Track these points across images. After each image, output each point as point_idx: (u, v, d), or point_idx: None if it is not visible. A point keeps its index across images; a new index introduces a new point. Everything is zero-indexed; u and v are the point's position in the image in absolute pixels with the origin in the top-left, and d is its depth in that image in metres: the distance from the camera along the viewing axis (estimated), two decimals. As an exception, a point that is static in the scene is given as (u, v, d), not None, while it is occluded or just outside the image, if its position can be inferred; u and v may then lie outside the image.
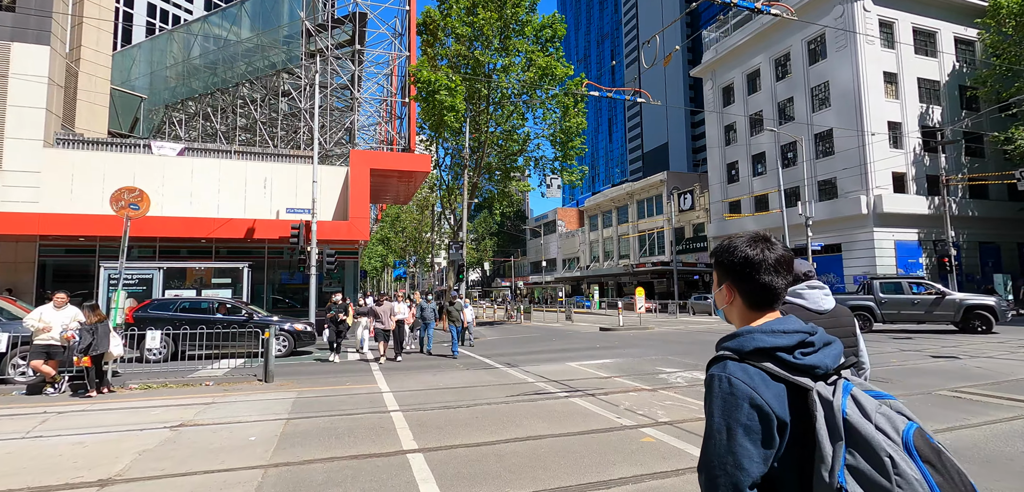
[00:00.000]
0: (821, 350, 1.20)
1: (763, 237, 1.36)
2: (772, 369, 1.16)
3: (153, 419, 6.79)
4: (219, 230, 17.94)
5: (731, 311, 1.38)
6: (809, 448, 1.12)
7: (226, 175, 19.87)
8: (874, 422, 1.06)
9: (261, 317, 14.26)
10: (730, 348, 1.23)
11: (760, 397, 1.13)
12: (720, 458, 1.13)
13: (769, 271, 1.30)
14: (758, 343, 1.20)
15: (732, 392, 1.15)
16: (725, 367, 1.19)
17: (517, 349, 15.47)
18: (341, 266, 21.57)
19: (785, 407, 1.14)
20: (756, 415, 1.12)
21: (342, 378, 10.37)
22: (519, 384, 9.48)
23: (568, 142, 26.71)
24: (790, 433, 1.13)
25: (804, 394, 1.15)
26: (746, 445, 1.11)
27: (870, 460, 1.03)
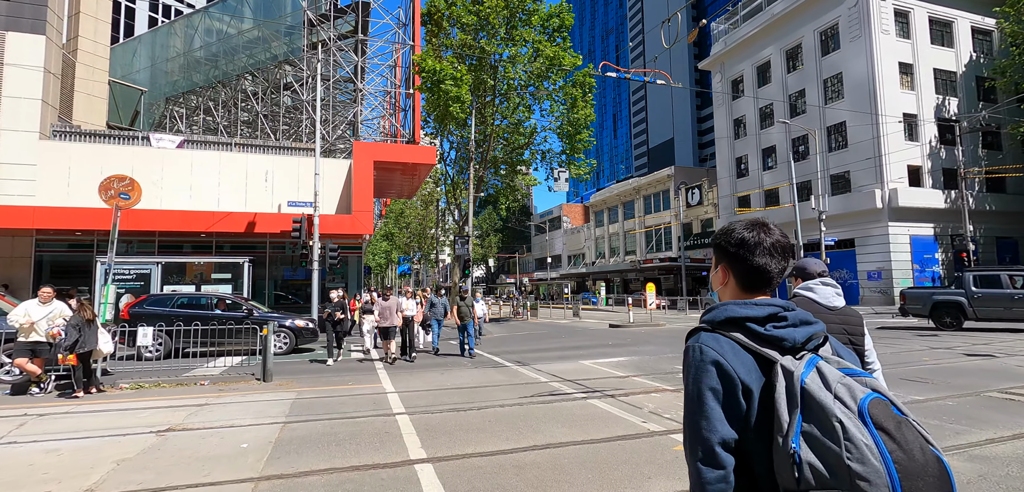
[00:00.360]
0: (793, 326, 1.23)
1: (761, 223, 1.40)
2: (740, 339, 1.22)
3: (140, 423, 6.27)
4: (219, 224, 17.46)
5: (725, 292, 1.41)
6: (771, 420, 1.15)
7: (226, 168, 19.38)
8: (833, 392, 1.09)
9: (261, 313, 13.77)
10: (706, 320, 1.30)
11: (727, 363, 1.19)
12: (693, 420, 1.20)
13: (764, 254, 1.33)
14: (730, 313, 1.26)
15: (702, 359, 1.21)
16: (698, 337, 1.26)
17: (526, 346, 14.92)
18: (344, 261, 21.07)
19: (752, 376, 1.19)
20: (722, 379, 1.18)
21: (344, 377, 9.84)
22: (532, 384, 8.92)
23: (576, 135, 26.08)
24: (759, 403, 1.18)
25: (771, 366, 1.19)
26: (714, 406, 1.17)
27: (822, 426, 1.06)
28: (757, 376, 1.19)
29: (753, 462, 1.17)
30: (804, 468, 1.06)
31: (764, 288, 1.35)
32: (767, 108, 40.32)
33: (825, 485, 1.04)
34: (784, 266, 1.36)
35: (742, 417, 1.17)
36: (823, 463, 1.05)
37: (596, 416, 6.58)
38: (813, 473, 1.05)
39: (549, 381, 9.17)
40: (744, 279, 1.35)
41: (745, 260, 1.34)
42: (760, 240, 1.35)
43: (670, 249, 51.18)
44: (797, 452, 1.06)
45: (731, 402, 1.17)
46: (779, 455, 1.10)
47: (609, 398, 7.62)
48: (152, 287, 15.68)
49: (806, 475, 1.06)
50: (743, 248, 1.35)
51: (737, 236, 1.37)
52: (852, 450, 1.02)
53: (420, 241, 43.55)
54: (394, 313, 11.14)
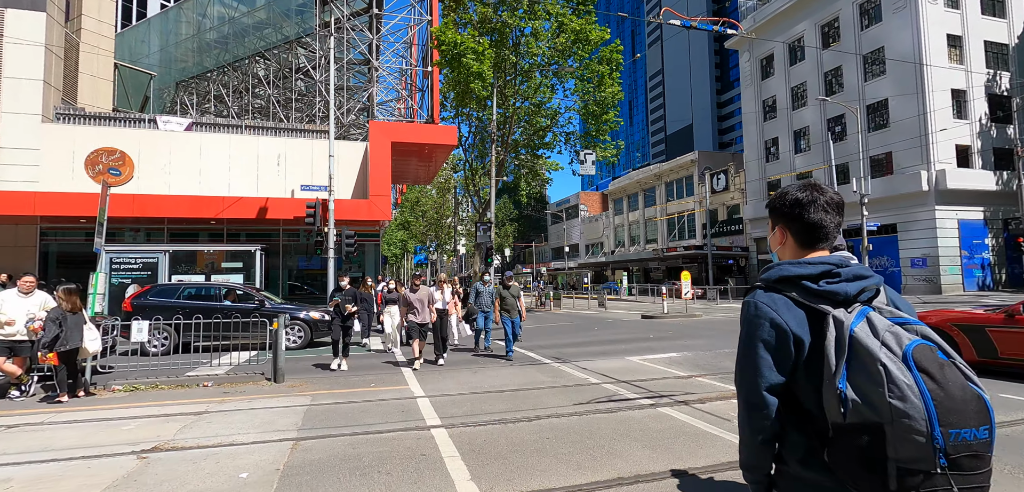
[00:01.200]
0: (846, 282, 1.31)
1: (814, 183, 1.48)
2: (794, 296, 1.34)
3: (121, 440, 5.16)
4: (229, 209, 16.44)
5: (784, 251, 1.51)
6: (821, 364, 1.27)
7: (237, 151, 18.35)
8: (880, 339, 1.19)
9: (273, 305, 12.70)
10: (762, 279, 1.43)
11: (780, 317, 1.32)
12: (744, 366, 1.37)
13: (818, 210, 1.42)
14: (783, 272, 1.37)
15: (757, 314, 1.35)
16: (754, 295, 1.40)
17: (560, 340, 13.66)
18: (361, 249, 19.99)
19: (805, 328, 1.31)
20: (775, 332, 1.32)
21: (365, 377, 8.69)
22: (583, 386, 7.66)
23: (602, 115, 24.61)
24: (810, 349, 1.30)
25: (822, 317, 1.30)
26: (765, 356, 1.32)
27: (868, 370, 1.17)
28: (809, 327, 1.31)
29: (801, 398, 1.33)
30: (849, 404, 1.19)
31: (821, 243, 1.45)
32: (799, 88, 38.28)
33: (867, 418, 1.16)
34: (839, 221, 1.46)
35: (792, 363, 1.32)
36: (865, 401, 1.17)
37: (678, 431, 5.30)
38: (857, 408, 1.18)
39: (601, 382, 7.91)
40: (801, 236, 1.46)
41: (801, 218, 1.44)
42: (814, 198, 1.44)
43: (694, 237, 49.41)
44: (843, 391, 1.19)
45: (782, 351, 1.31)
46: (828, 393, 1.24)
47: (682, 406, 6.33)
48: (160, 277, 14.73)
49: (850, 410, 1.18)
50: (798, 207, 1.45)
51: (792, 196, 1.47)
52: (894, 389, 1.13)
53: (437, 230, 42.38)
54: (426, 306, 9.19)
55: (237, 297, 12.59)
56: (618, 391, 7.24)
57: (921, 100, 29.66)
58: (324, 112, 22.96)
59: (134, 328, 7.73)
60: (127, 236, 17.77)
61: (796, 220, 1.45)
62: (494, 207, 21.75)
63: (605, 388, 7.47)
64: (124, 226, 17.61)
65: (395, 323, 11.02)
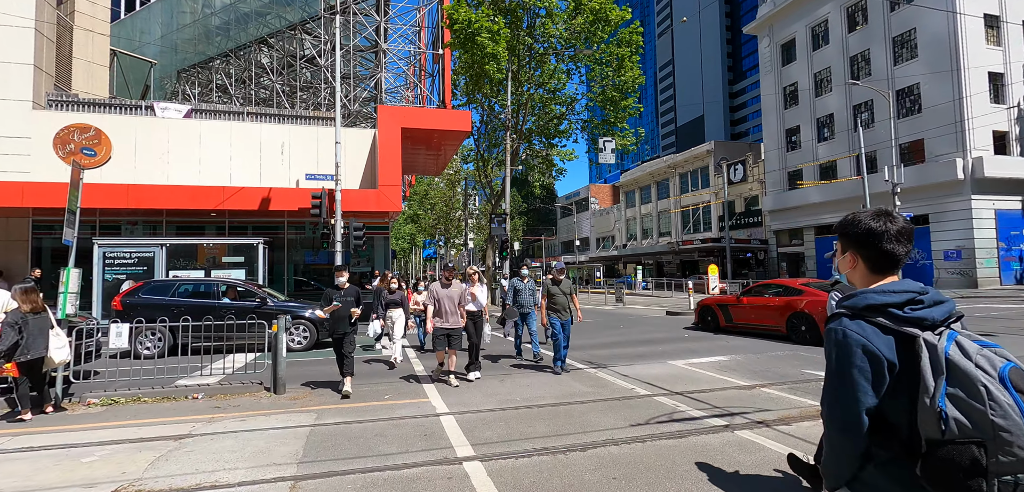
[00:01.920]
0: (930, 307, 1.41)
1: (886, 211, 1.56)
2: (882, 322, 1.40)
3: (75, 481, 4.11)
4: (230, 200, 15.43)
5: (854, 275, 1.60)
6: (916, 385, 1.34)
7: (239, 140, 17.33)
8: (974, 361, 1.28)
9: (277, 303, 11.69)
10: (846, 306, 1.47)
11: (872, 345, 1.38)
12: (837, 393, 1.42)
13: (891, 240, 1.51)
14: (870, 301, 1.44)
15: (846, 341, 1.41)
16: (840, 322, 1.45)
17: (589, 339, 12.54)
18: (370, 242, 18.95)
19: (894, 352, 1.38)
20: (867, 359, 1.38)
21: (378, 386, 7.62)
22: (632, 400, 6.54)
23: (621, 101, 23.37)
24: (900, 373, 1.37)
25: (912, 341, 1.37)
26: (859, 381, 1.38)
27: (967, 389, 1.25)
28: (897, 352, 1.38)
29: (889, 417, 1.39)
30: (949, 422, 1.26)
31: (892, 270, 1.54)
32: (823, 73, 36.73)
33: (968, 435, 1.24)
34: (909, 249, 1.53)
35: (884, 386, 1.38)
36: (967, 418, 1.25)
37: (774, 463, 4.18)
38: (958, 425, 1.25)
39: (652, 394, 6.79)
40: (874, 263, 1.54)
41: (874, 246, 1.53)
42: (887, 228, 1.51)
43: (710, 229, 48.03)
44: (943, 410, 1.26)
45: (876, 376, 1.37)
46: (925, 412, 1.30)
47: (763, 428, 5.21)
48: (156, 272, 13.78)
49: (951, 427, 1.26)
50: (872, 236, 1.53)
51: (865, 225, 1.54)
52: (995, 408, 1.22)
53: (446, 223, 41.27)
54: (457, 307, 7.46)
55: (237, 294, 11.58)
56: (677, 407, 6.11)
57: (956, 84, 28.14)
58: (330, 100, 21.90)
59: (112, 332, 6.70)
60: (124, 229, 16.85)
61: (870, 248, 1.54)
62: (508, 197, 20.62)
63: (660, 403, 6.35)
64: (120, 218, 16.68)
65: (398, 330, 9.38)
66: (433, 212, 40.49)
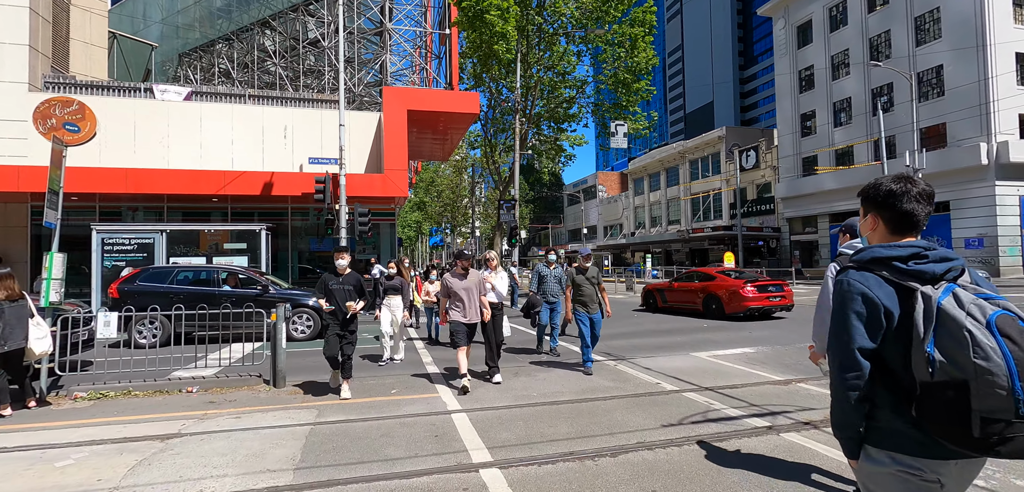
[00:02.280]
0: (932, 262, 1.53)
1: (907, 176, 1.68)
2: (884, 274, 1.56)
3: (45, 487, 3.65)
4: (231, 185, 14.98)
5: (874, 236, 1.73)
6: (912, 332, 1.48)
7: (241, 123, 16.84)
8: (966, 310, 1.39)
9: (279, 290, 11.24)
10: (854, 260, 1.64)
11: (872, 292, 1.54)
12: (837, 334, 1.59)
13: (911, 200, 1.63)
14: (876, 254, 1.59)
15: (849, 289, 1.58)
16: (847, 274, 1.61)
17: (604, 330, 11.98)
18: (375, 230, 18.47)
19: (894, 302, 1.53)
20: (866, 304, 1.54)
21: (384, 379, 7.15)
22: (660, 396, 6.02)
23: (634, 83, 22.64)
24: (898, 321, 1.52)
25: (910, 293, 1.51)
26: (857, 324, 1.54)
27: (954, 335, 1.38)
28: (897, 301, 1.53)
29: (889, 362, 1.55)
30: (936, 365, 1.39)
31: (911, 231, 1.65)
32: (841, 56, 35.65)
33: (954, 376, 1.37)
34: (929, 211, 1.67)
35: (882, 331, 1.54)
36: (952, 361, 1.37)
37: (836, 468, 3.65)
38: (943, 368, 1.39)
39: (680, 389, 6.26)
40: (893, 224, 1.67)
41: (893, 207, 1.65)
42: (907, 189, 1.64)
43: (720, 217, 47.19)
44: (931, 354, 1.40)
45: (873, 320, 1.54)
46: (917, 355, 1.44)
47: (812, 430, 4.67)
48: (156, 259, 13.38)
49: (937, 369, 1.39)
50: (892, 197, 1.65)
51: (885, 188, 1.67)
52: (978, 351, 1.34)
53: (452, 211, 40.73)
54: (476, 298, 6.45)
55: (238, 282, 11.14)
56: (711, 404, 5.58)
57: (981, 65, 27.12)
58: (334, 84, 21.33)
59: (100, 321, 6.26)
60: (125, 215, 16.47)
61: (889, 209, 1.66)
62: (518, 182, 20.03)
63: (691, 400, 5.82)
64: (121, 203, 16.30)
65: (396, 320, 8.26)
66: (440, 199, 39.93)
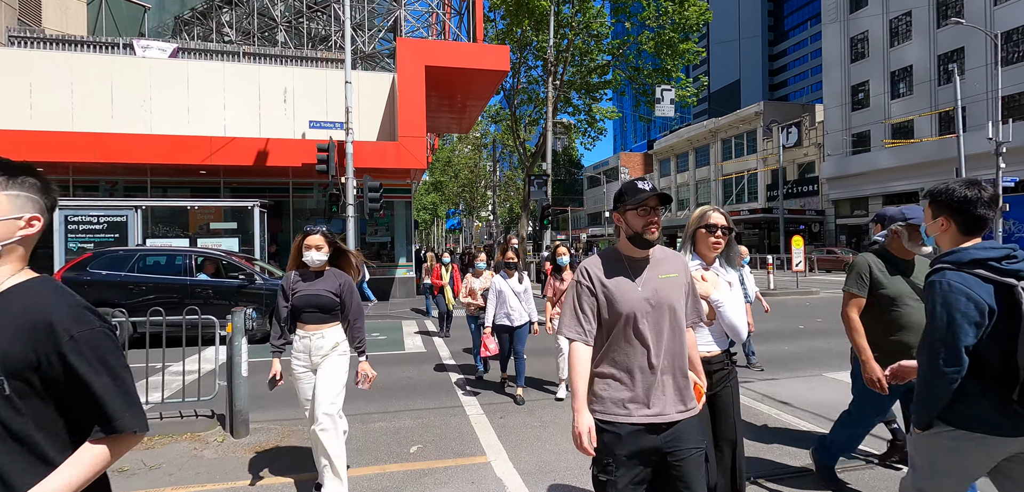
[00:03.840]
0: (1022, 262, 1.71)
1: (976, 181, 1.87)
2: (982, 273, 1.71)
3: None
4: (219, 153, 12.73)
5: (944, 238, 1.90)
6: (1010, 326, 1.66)
7: (234, 84, 14.56)
8: None
9: (269, 281, 8.96)
10: (948, 261, 1.79)
11: (974, 292, 1.69)
12: (942, 335, 1.72)
13: (983, 206, 1.81)
14: (973, 255, 1.75)
15: (951, 290, 1.72)
16: (944, 274, 1.76)
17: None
18: (389, 208, 16.16)
19: (993, 299, 1.69)
20: (972, 304, 1.69)
21: (398, 418, 4.82)
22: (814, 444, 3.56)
23: (681, 43, 19.86)
24: (997, 317, 1.68)
25: (1009, 290, 1.67)
26: (963, 325, 1.69)
27: None
28: (994, 299, 1.69)
29: (983, 355, 1.71)
30: None
31: (979, 233, 1.84)
32: (901, 20, 32.14)
33: None
34: (995, 214, 1.87)
35: (982, 328, 1.70)
36: None
37: None
38: None
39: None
40: (966, 227, 1.84)
41: (967, 212, 1.83)
42: (980, 195, 1.82)
43: (756, 199, 44.09)
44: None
45: (978, 319, 1.69)
46: (1022, 349, 1.62)
47: None
48: (131, 240, 11.24)
49: None
50: (966, 203, 1.82)
51: (960, 193, 1.84)
52: None
53: (471, 192, 38.26)
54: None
55: (218, 269, 8.90)
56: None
57: (1078, 23, 23.66)
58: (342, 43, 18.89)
59: None
60: (103, 190, 14.38)
61: (963, 213, 1.84)
62: (550, 155, 17.50)
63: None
64: (98, 176, 14.20)
65: None
66: (458, 179, 37.44)
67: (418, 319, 11.76)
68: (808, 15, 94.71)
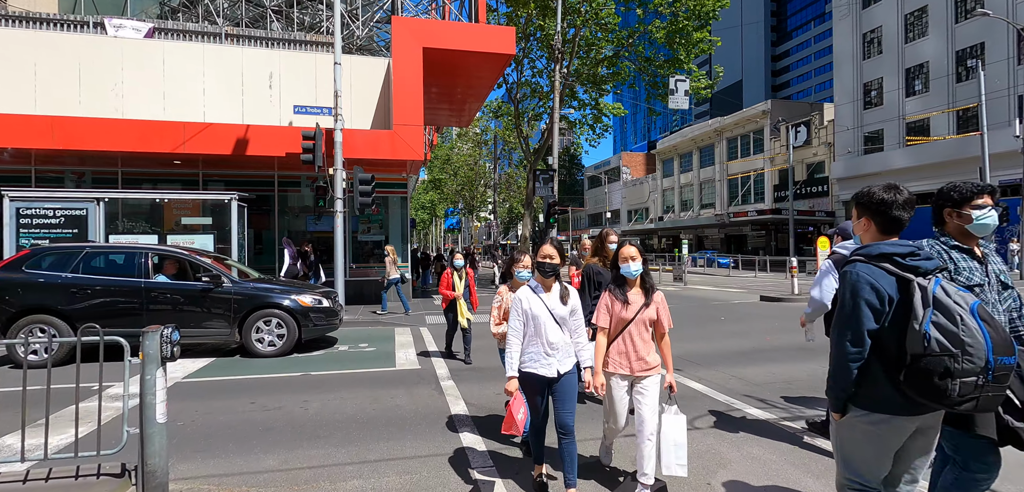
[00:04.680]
0: (924, 260, 1.94)
1: (895, 186, 2.11)
2: (887, 266, 1.95)
3: None
4: (195, 140, 11.51)
5: (866, 235, 2.16)
6: (906, 316, 1.88)
7: (215, 67, 13.35)
8: (953, 299, 1.83)
9: (240, 285, 7.73)
10: (861, 254, 2.03)
11: (878, 282, 1.94)
12: (850, 317, 1.97)
13: (899, 208, 2.06)
14: (881, 250, 1.99)
15: (858, 279, 1.96)
16: (855, 265, 2.01)
17: (702, 344, 8.38)
18: (383, 204, 14.95)
19: (895, 290, 1.93)
20: (875, 293, 1.93)
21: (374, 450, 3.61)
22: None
23: (696, 32, 18.71)
24: (897, 306, 1.92)
25: (908, 283, 1.91)
26: (866, 310, 1.93)
27: (948, 316, 1.80)
28: (896, 290, 1.93)
29: (883, 341, 1.94)
30: (932, 341, 1.79)
31: (895, 233, 2.09)
32: (916, 14, 31.05)
33: (945, 351, 1.77)
34: (910, 216, 2.08)
35: (883, 315, 1.93)
36: (945, 336, 1.78)
37: None
38: (937, 343, 1.78)
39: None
40: (883, 226, 2.09)
41: (885, 213, 2.07)
42: (896, 198, 2.06)
43: (762, 200, 42.97)
44: (928, 332, 1.80)
45: (879, 306, 1.93)
46: (912, 334, 1.84)
47: None
48: (91, 235, 10.02)
49: (932, 344, 1.78)
50: (884, 205, 2.07)
51: (878, 196, 2.09)
52: (965, 330, 1.77)
53: (471, 190, 37.00)
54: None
55: (178, 270, 7.68)
56: None
57: (1108, 16, 22.56)
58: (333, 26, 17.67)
59: None
60: (69, 180, 13.15)
61: (881, 214, 2.09)
62: (557, 148, 16.31)
63: None
64: (64, 166, 12.97)
65: None
66: (457, 177, 36.15)
67: (412, 325, 10.57)
68: (812, 15, 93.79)
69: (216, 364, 7.11)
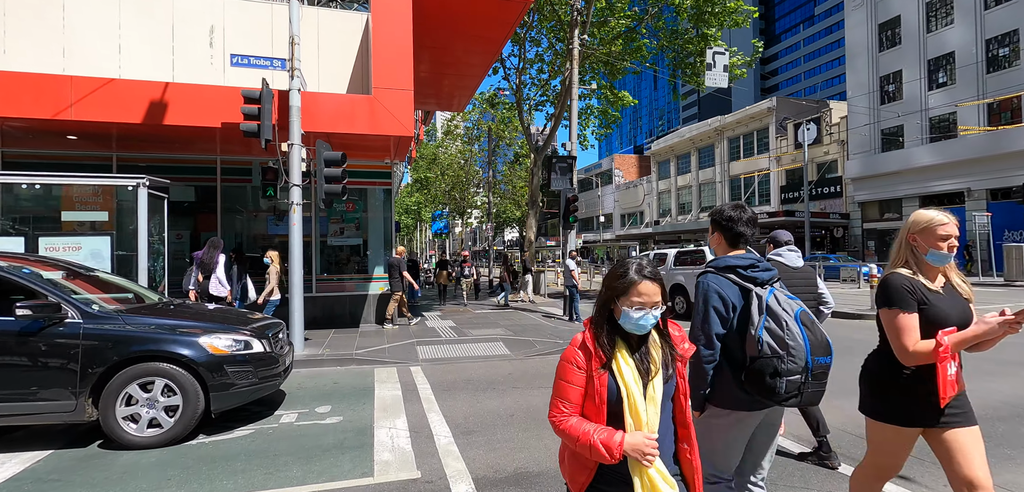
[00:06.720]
0: (761, 271, 2.18)
1: (740, 205, 2.38)
2: (732, 278, 2.17)
3: None
4: (85, 102, 8.14)
5: (719, 248, 2.39)
6: (746, 320, 2.08)
7: (134, 14, 10.00)
8: (781, 307, 2.04)
9: (98, 322, 4.47)
10: (712, 266, 2.25)
11: (724, 291, 2.15)
12: (702, 322, 2.16)
13: (743, 225, 2.32)
14: (727, 262, 2.22)
15: (708, 288, 2.17)
16: (706, 276, 2.22)
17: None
18: (360, 197, 11.75)
19: (739, 298, 2.14)
20: (721, 301, 2.14)
21: None
22: None
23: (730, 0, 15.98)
24: (740, 312, 2.12)
25: (748, 292, 2.12)
26: (714, 317, 2.13)
27: (776, 322, 2.01)
28: (739, 298, 2.14)
29: (730, 344, 2.14)
30: (763, 344, 1.99)
31: (742, 246, 2.33)
32: (938, 2, 28.98)
33: (774, 352, 1.98)
34: (754, 232, 2.35)
35: (729, 321, 2.14)
36: (774, 340, 1.99)
37: None
38: (769, 346, 1.99)
39: None
40: (730, 241, 2.34)
41: (731, 229, 2.33)
42: (740, 216, 2.33)
43: (767, 203, 40.65)
44: (761, 336, 2.00)
45: (725, 312, 2.14)
46: (749, 339, 2.04)
47: None
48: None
49: (764, 348, 1.99)
50: (731, 222, 2.32)
51: (727, 214, 2.35)
52: (789, 334, 1.99)
53: (462, 190, 33.70)
54: None
55: (-3, 292, 4.39)
56: None
57: None
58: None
59: None
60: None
61: (727, 230, 2.33)
62: (576, 131, 13.28)
63: None
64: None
65: None
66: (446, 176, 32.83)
67: (403, 365, 7.39)
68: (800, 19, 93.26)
69: (48, 465, 3.89)
